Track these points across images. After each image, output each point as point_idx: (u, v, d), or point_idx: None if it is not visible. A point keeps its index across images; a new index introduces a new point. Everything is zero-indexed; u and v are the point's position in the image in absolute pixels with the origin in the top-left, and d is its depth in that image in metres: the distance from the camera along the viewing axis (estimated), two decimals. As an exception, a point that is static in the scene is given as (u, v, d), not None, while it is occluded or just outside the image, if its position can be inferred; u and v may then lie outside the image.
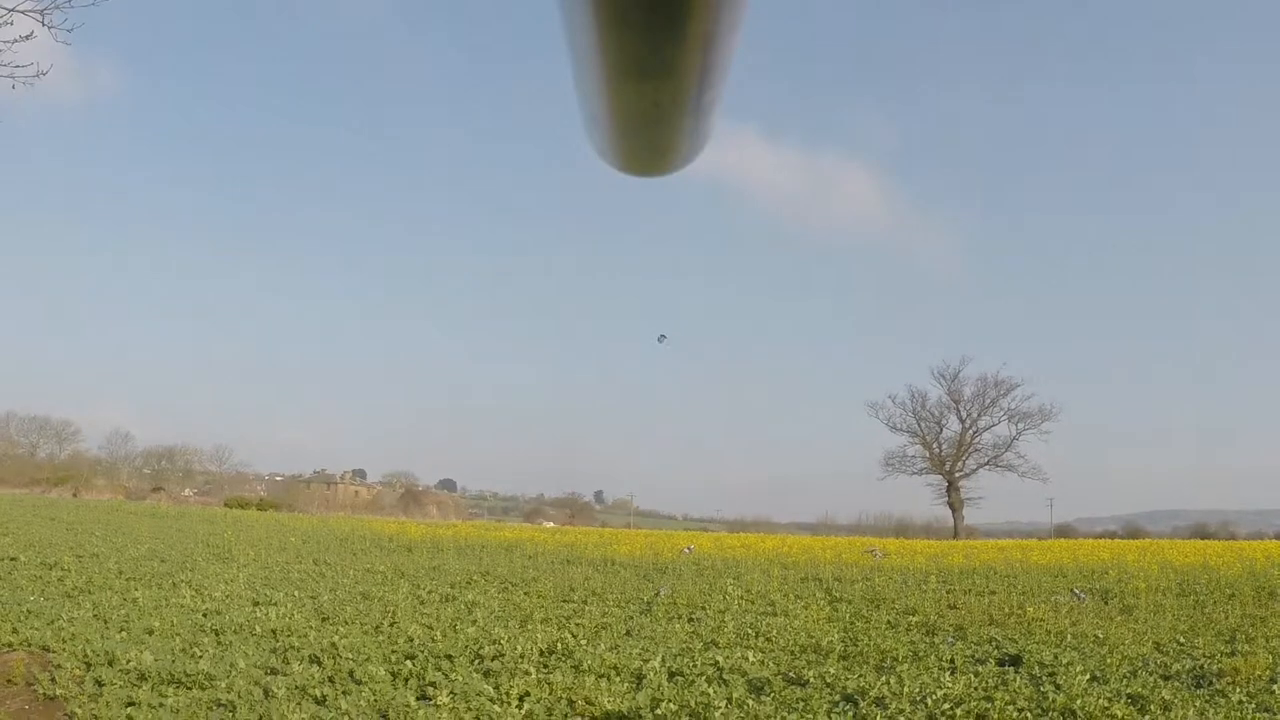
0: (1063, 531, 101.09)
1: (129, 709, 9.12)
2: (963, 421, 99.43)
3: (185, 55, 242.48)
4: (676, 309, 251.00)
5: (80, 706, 9.36)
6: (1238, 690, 10.34)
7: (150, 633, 13.31)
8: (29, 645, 12.52)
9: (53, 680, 10.47)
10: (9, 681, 10.72)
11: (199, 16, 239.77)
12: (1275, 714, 9.14)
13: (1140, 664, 12.29)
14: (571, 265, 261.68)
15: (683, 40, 0.81)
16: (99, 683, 10.35)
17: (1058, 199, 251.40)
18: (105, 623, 14.09)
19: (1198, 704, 9.64)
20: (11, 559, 23.29)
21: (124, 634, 13.13)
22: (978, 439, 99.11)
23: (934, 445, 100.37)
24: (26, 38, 12.06)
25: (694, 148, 1.10)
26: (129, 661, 11.07)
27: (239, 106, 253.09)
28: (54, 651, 12.10)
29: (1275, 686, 10.43)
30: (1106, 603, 20.16)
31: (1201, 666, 11.98)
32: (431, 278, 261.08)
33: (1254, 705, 9.59)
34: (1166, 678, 11.32)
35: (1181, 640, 14.31)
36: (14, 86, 12.13)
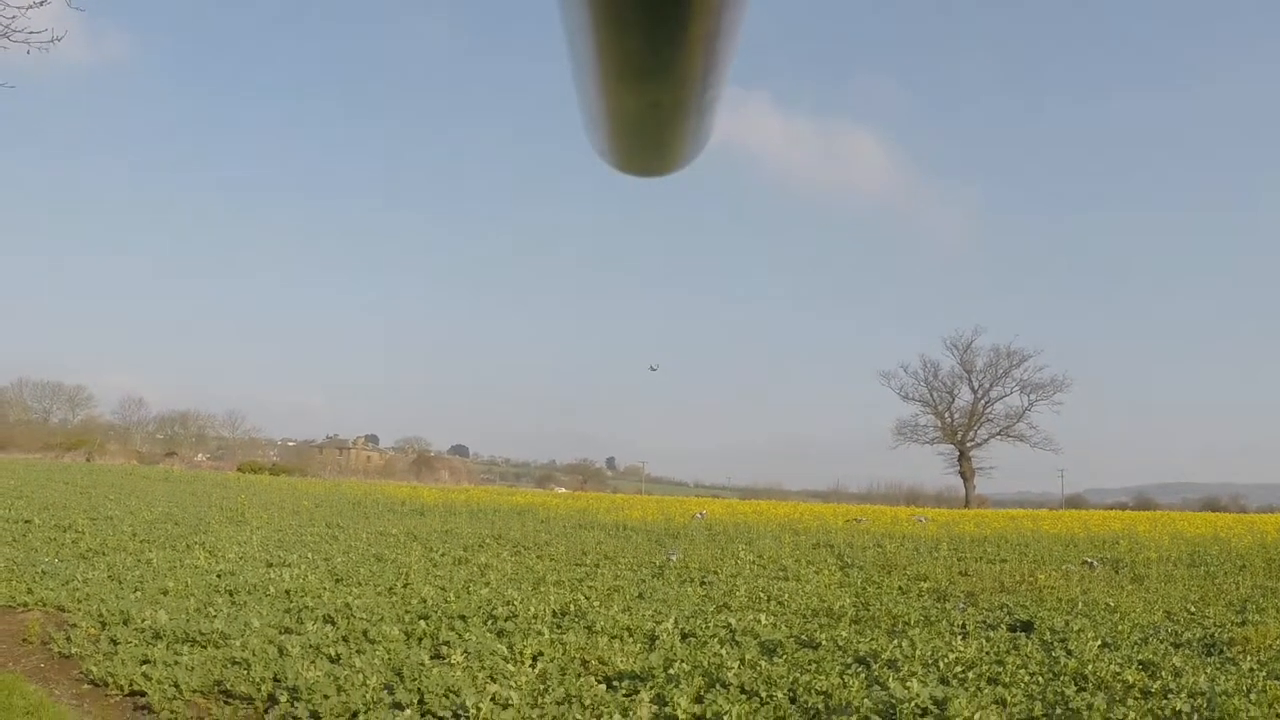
0: (1073, 502, 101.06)
1: (144, 666, 9.17)
2: (975, 391, 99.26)
3: (194, 22, 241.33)
4: (689, 276, 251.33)
5: (95, 665, 9.42)
6: (1249, 658, 10.35)
7: (165, 593, 13.38)
8: (44, 605, 12.61)
9: (68, 639, 10.54)
10: (25, 640, 10.80)
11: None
12: (1287, 681, 9.11)
13: (1151, 632, 12.30)
14: (582, 232, 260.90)
15: (683, 41, 0.80)
16: (114, 641, 10.41)
17: (1070, 167, 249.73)
18: (120, 583, 14.17)
19: (1209, 671, 9.64)
20: (26, 521, 23.44)
21: (138, 594, 13.20)
22: (989, 409, 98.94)
23: (946, 415, 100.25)
24: (40, 4, 12.03)
25: (694, 148, 1.10)
26: (144, 621, 11.13)
27: (250, 67, 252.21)
28: (69, 611, 12.19)
29: (1287, 655, 10.44)
30: (1117, 572, 20.19)
31: (1212, 635, 11.99)
32: (444, 242, 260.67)
33: (1265, 673, 9.58)
34: (1177, 645, 11.33)
35: (1192, 609, 14.33)
36: (28, 52, 12.11)
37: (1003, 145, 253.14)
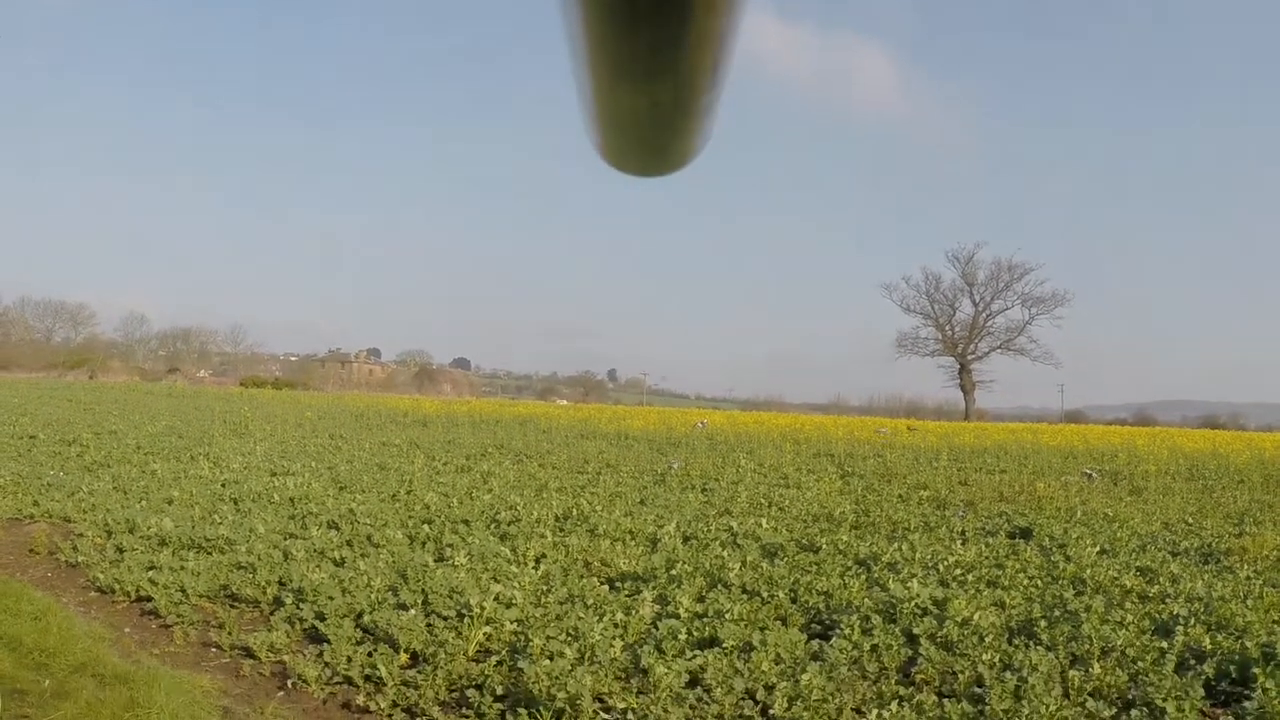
0: (1073, 417, 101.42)
1: (150, 573, 9.24)
2: (976, 304, 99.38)
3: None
4: (690, 190, 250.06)
5: (102, 572, 9.49)
6: (1246, 567, 10.46)
7: (169, 502, 13.46)
8: (50, 517, 12.69)
9: (74, 549, 10.60)
10: (31, 551, 10.88)
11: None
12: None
13: (1149, 540, 12.40)
14: (583, 145, 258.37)
15: (683, 41, 0.78)
16: (120, 549, 10.48)
17: (1078, 83, 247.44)
18: (125, 494, 14.25)
19: (1206, 578, 9.74)
20: (31, 437, 23.54)
21: (144, 504, 13.27)
22: (990, 322, 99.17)
23: (947, 327, 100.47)
24: None
25: (694, 149, 1.08)
26: (149, 529, 11.20)
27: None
28: (75, 522, 12.27)
29: (1284, 564, 10.55)
30: (1116, 484, 20.35)
31: (1210, 545, 12.11)
32: (444, 152, 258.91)
33: (1261, 580, 9.68)
34: (1175, 554, 11.43)
35: (1190, 521, 14.46)
36: None
37: (1010, 56, 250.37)
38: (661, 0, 0.73)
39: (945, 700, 5.99)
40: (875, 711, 5.72)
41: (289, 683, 6.78)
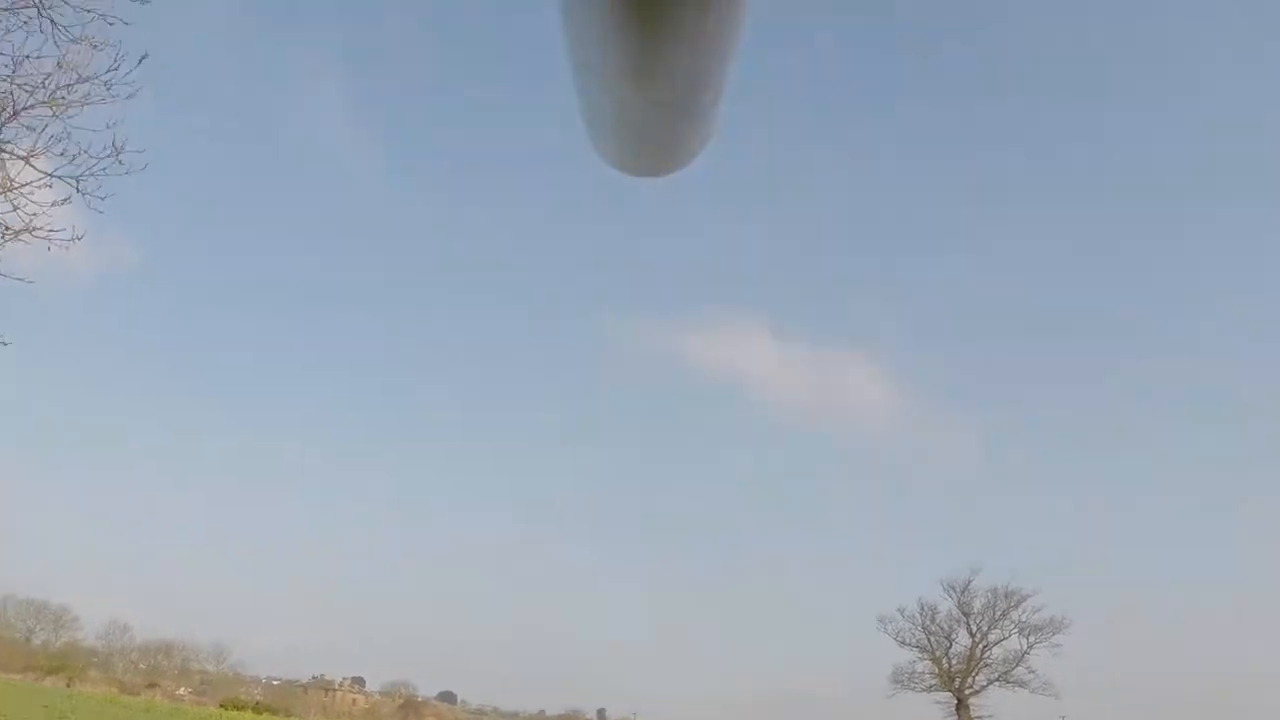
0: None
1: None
2: (973, 635, 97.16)
3: (198, 227, 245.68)
4: (674, 507, 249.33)
5: None
6: None
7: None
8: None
9: None
10: None
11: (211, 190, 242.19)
12: None
13: None
14: (571, 462, 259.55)
15: (685, 40, 0.80)
16: None
17: (1072, 392, 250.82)
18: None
19: None
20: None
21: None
22: (988, 653, 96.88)
23: (943, 660, 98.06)
24: (63, 202, 12.21)
25: (694, 149, 1.12)
26: None
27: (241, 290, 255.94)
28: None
29: None
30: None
31: None
32: (432, 469, 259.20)
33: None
34: None
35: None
36: (49, 249, 12.30)
37: (1005, 376, 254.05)
38: (660, 0, 0.74)
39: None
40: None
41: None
